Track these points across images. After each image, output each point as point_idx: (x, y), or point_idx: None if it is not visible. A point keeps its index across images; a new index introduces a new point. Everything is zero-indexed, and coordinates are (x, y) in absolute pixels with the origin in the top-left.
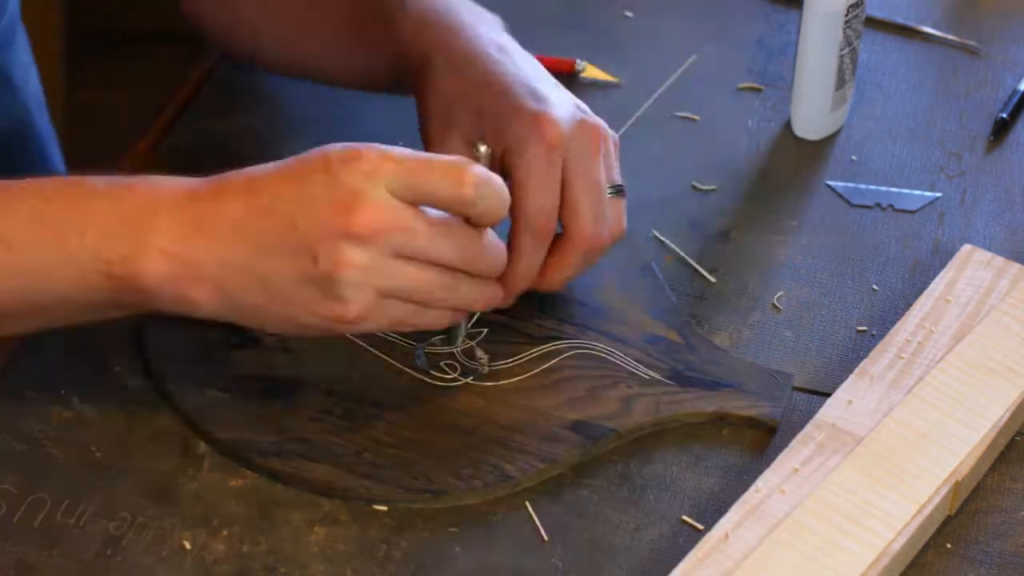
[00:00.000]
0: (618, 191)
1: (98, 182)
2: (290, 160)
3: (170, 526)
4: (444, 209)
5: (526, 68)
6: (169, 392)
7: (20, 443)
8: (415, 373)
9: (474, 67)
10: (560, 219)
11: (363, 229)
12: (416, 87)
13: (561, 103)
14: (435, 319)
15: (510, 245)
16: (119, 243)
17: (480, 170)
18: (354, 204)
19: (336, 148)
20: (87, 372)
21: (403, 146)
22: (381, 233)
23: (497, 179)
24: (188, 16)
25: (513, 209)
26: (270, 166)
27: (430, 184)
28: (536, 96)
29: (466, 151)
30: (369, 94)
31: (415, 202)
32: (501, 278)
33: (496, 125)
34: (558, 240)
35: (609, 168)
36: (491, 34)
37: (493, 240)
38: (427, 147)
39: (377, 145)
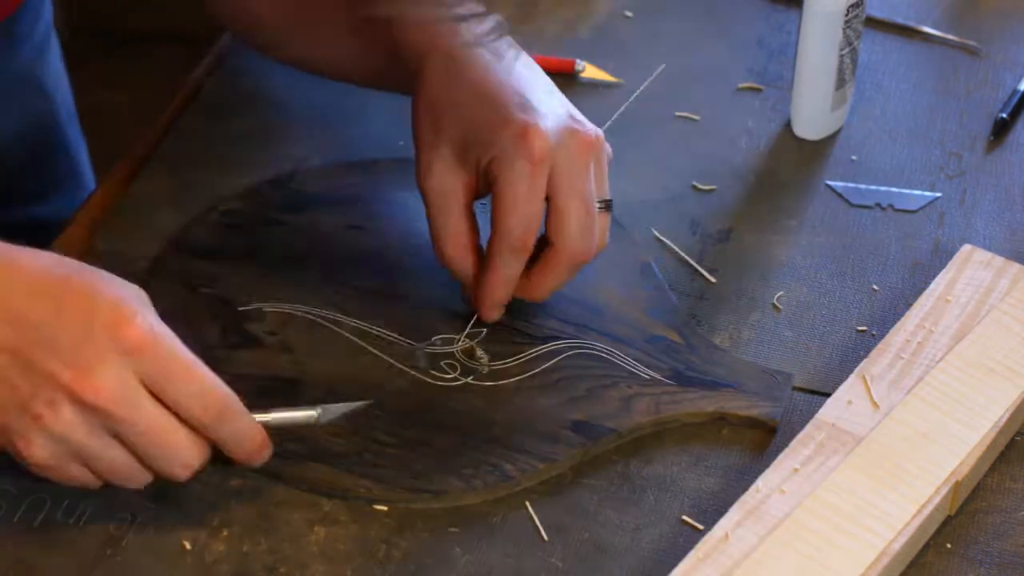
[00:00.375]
0: (606, 205)
1: None
2: (64, 275)
3: (170, 526)
4: (185, 418)
5: (519, 73)
6: None
7: None
8: (415, 373)
9: (466, 73)
10: (546, 229)
11: (90, 397)
12: (411, 88)
13: (551, 113)
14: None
15: (487, 255)
16: None
17: (229, 400)
18: (93, 369)
19: (109, 298)
20: None
21: (404, 145)
22: (103, 411)
23: (248, 423)
24: (208, 12)
25: (493, 221)
26: (34, 267)
27: (180, 393)
28: (525, 106)
29: (454, 158)
30: (372, 93)
31: (157, 395)
32: (477, 289)
33: (484, 136)
34: (544, 252)
35: (600, 180)
36: (487, 36)
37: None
38: (417, 150)
39: (152, 318)
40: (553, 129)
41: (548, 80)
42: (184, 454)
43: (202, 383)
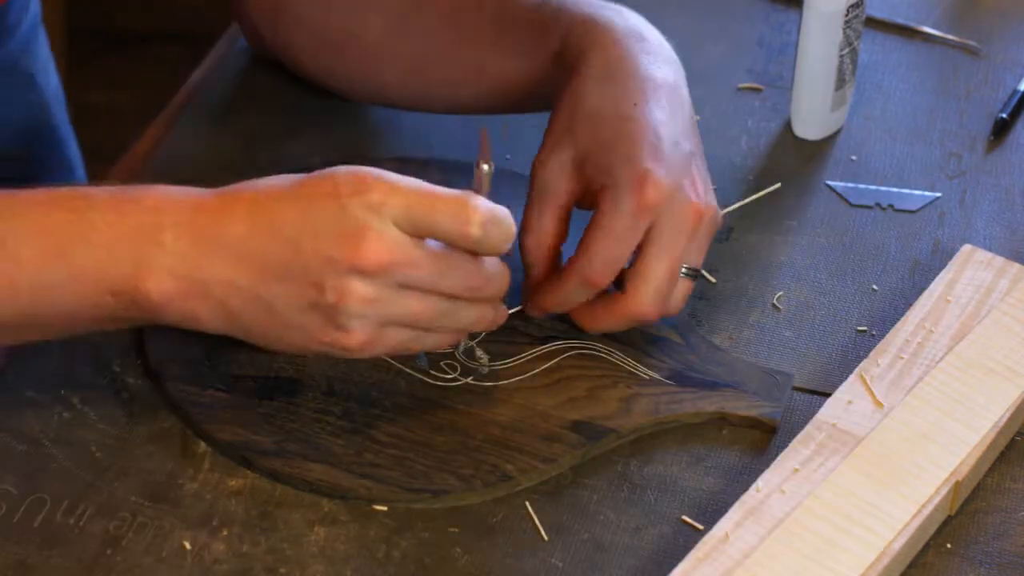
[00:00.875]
0: (693, 274)
1: (101, 193)
2: (299, 178)
3: (170, 526)
4: (449, 243)
5: (665, 105)
6: (169, 392)
7: (20, 443)
8: (415, 373)
9: (616, 84)
10: (625, 276)
11: (368, 263)
12: (562, 87)
13: (677, 167)
14: (437, 342)
15: (563, 271)
16: (124, 261)
17: (485, 206)
18: (360, 238)
19: (345, 174)
20: (87, 372)
21: (404, 145)
22: (386, 267)
23: (502, 214)
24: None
25: (580, 245)
26: (278, 182)
27: (436, 220)
28: (656, 151)
29: (571, 164)
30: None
31: (420, 236)
32: (533, 294)
33: (607, 160)
34: (614, 294)
35: (699, 251)
36: (643, 56)
37: (494, 267)
38: (545, 136)
39: (386, 174)
40: (670, 184)
41: (690, 116)
42: (476, 274)
43: (449, 211)
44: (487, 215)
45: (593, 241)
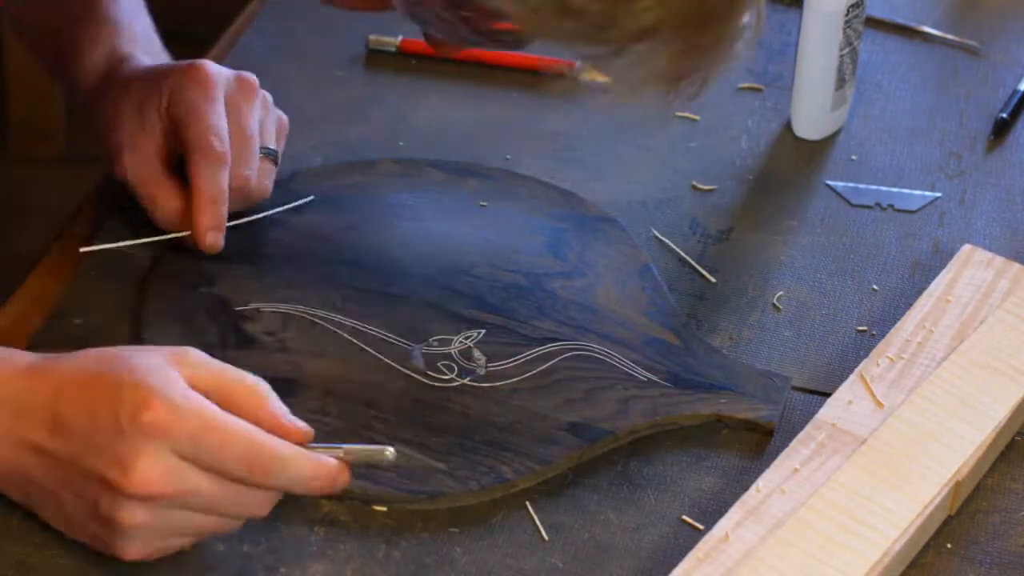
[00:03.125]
0: (270, 154)
1: None
2: (101, 368)
3: None
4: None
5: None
6: None
7: None
8: (412, 374)
9: (134, 69)
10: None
11: (137, 491)
12: (92, 113)
13: (215, 64)
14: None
15: (190, 178)
16: None
17: (286, 454)
18: (131, 464)
19: (132, 385)
20: None
21: (404, 145)
22: (158, 496)
23: (300, 458)
24: None
25: (184, 144)
26: (83, 372)
27: (217, 461)
28: (187, 61)
29: (134, 116)
30: (374, 93)
31: (201, 466)
32: (192, 216)
33: (156, 90)
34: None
35: (266, 129)
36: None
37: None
38: (106, 146)
39: (174, 392)
40: (217, 67)
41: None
42: (254, 503)
43: (236, 444)
44: (268, 461)
45: (192, 128)
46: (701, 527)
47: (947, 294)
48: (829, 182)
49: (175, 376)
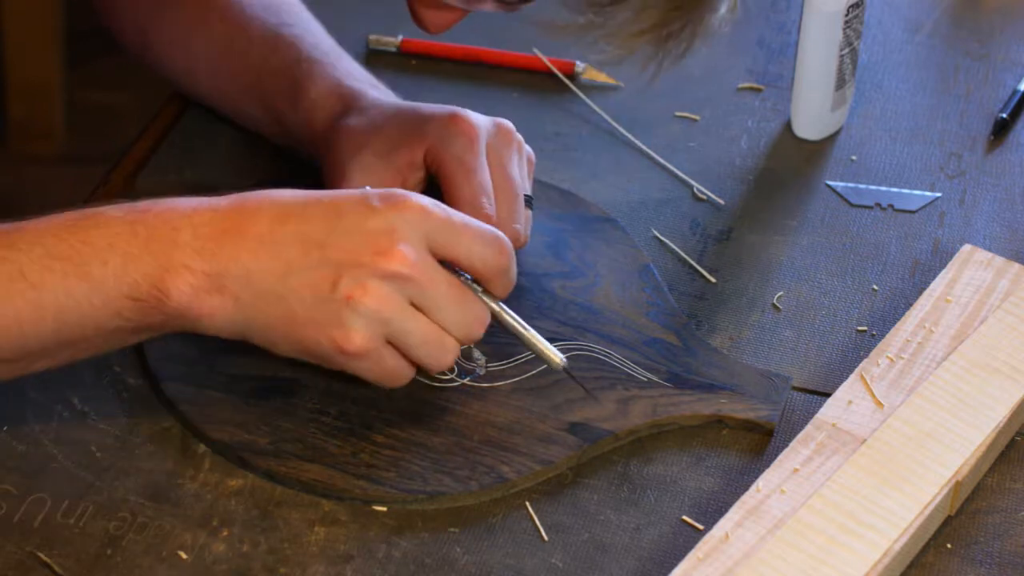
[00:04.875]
0: (527, 201)
1: (113, 210)
2: (321, 191)
3: (170, 526)
4: (470, 272)
5: (430, 104)
6: (166, 392)
7: (20, 443)
8: None
9: (381, 108)
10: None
11: (394, 269)
12: (324, 150)
13: (473, 112)
14: (409, 376)
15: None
16: (142, 264)
17: (510, 244)
18: (391, 243)
19: (379, 191)
20: (87, 372)
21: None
22: (408, 277)
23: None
24: (109, 27)
25: (454, 198)
26: (299, 191)
27: (467, 246)
28: (447, 108)
29: (374, 159)
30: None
31: (445, 259)
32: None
33: (413, 136)
34: None
35: (523, 173)
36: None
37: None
38: (335, 175)
39: (419, 196)
40: (478, 117)
41: None
42: (478, 308)
43: (482, 236)
44: (511, 253)
45: (457, 185)
46: (701, 527)
47: (947, 294)
48: (829, 182)
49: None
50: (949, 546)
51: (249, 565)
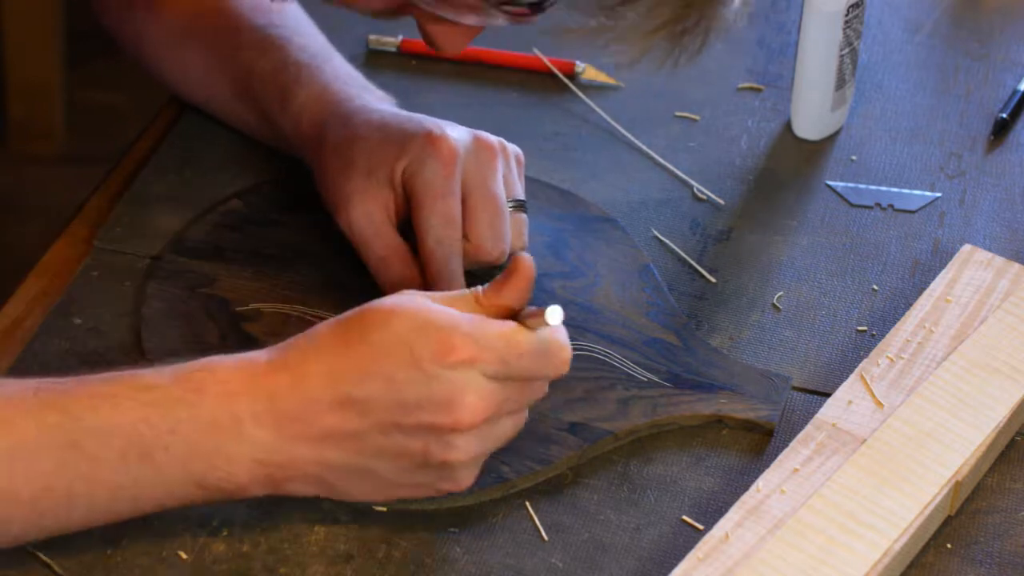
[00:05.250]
0: (519, 206)
1: (162, 380)
2: (361, 339)
3: (170, 526)
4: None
5: (417, 116)
6: None
7: None
8: None
9: (367, 118)
10: (464, 231)
11: (467, 424)
12: (313, 155)
13: (455, 128)
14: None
15: (422, 260)
16: (206, 456)
17: (564, 339)
18: (456, 403)
19: (417, 336)
20: (87, 372)
21: None
22: (487, 418)
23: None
24: (106, 24)
25: (416, 225)
26: (339, 346)
27: (526, 369)
28: (425, 123)
29: (366, 181)
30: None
31: (510, 379)
32: (425, 287)
33: (393, 153)
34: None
35: (510, 184)
36: (381, 102)
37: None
38: (331, 196)
39: (462, 325)
40: (457, 136)
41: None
42: (540, 389)
43: (527, 345)
44: (567, 350)
45: (424, 210)
46: (701, 527)
47: (947, 294)
48: (829, 182)
49: (432, 304)
50: (949, 546)
51: (249, 565)
